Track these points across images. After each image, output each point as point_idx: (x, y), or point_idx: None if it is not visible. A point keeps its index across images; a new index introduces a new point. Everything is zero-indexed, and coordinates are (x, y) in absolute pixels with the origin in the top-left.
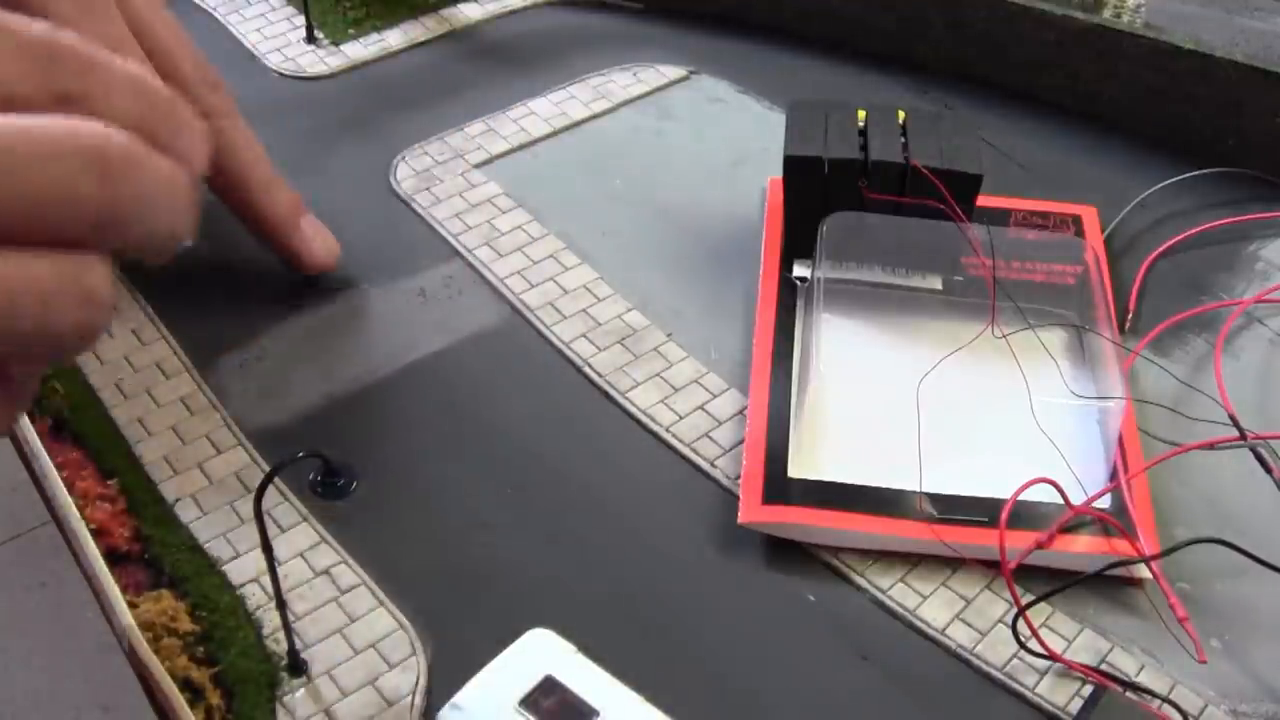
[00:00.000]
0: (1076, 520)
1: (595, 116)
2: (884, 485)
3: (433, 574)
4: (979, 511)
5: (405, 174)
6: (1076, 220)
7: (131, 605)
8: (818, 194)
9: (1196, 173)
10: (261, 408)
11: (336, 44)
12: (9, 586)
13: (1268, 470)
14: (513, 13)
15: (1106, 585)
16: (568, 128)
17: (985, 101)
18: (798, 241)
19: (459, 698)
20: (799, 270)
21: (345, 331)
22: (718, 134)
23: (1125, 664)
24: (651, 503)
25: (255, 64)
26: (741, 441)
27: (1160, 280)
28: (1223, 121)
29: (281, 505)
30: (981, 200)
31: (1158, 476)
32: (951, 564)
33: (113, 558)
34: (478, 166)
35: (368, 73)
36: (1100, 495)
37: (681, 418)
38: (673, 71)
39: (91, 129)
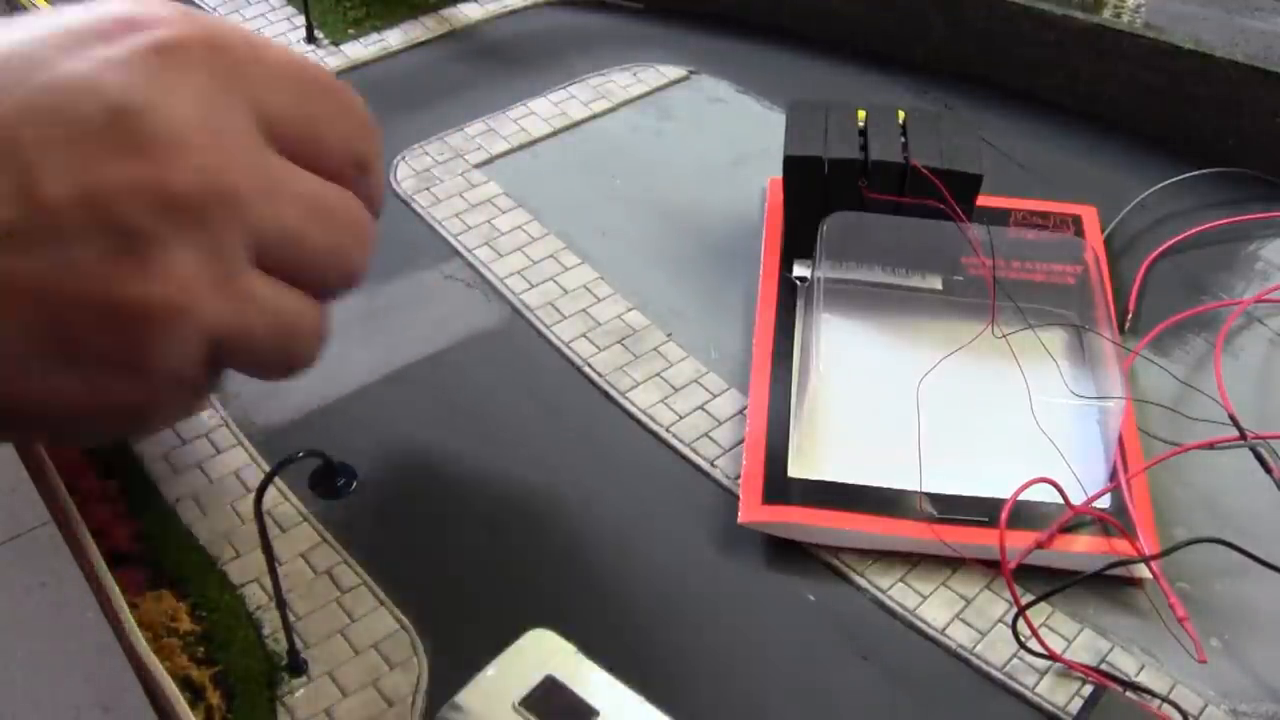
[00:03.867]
0: (1076, 520)
1: (595, 116)
2: (884, 485)
3: (433, 574)
4: (979, 511)
5: (405, 174)
6: (1076, 220)
7: (131, 605)
8: (818, 194)
9: (1196, 173)
10: (261, 408)
11: (336, 44)
12: (9, 586)
13: (1268, 470)
14: (513, 13)
15: (1106, 585)
16: (568, 128)
17: (985, 101)
18: (798, 241)
19: (459, 698)
20: (799, 270)
21: (345, 332)
22: (718, 134)
23: (1125, 664)
24: (651, 503)
25: None
26: (741, 441)
27: (1160, 280)
28: (1223, 121)
29: (282, 505)
30: (981, 200)
31: (1158, 476)
32: (951, 564)
33: (113, 558)
34: (478, 166)
35: (368, 73)
36: (1100, 495)
37: (681, 418)
38: (673, 71)
39: (367, 214)
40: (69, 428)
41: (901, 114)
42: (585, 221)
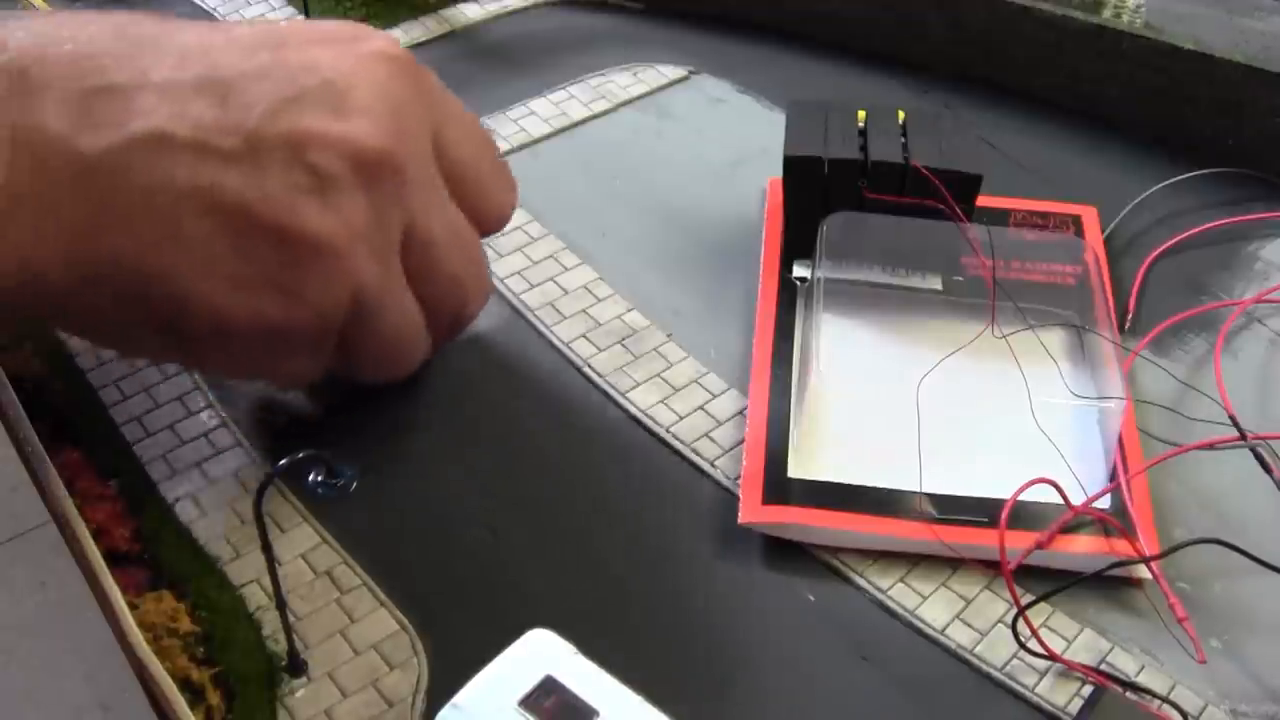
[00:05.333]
0: (1076, 520)
1: (595, 116)
2: (884, 485)
3: (433, 574)
4: (979, 511)
5: None
6: (1076, 220)
7: (131, 605)
8: (818, 194)
9: (1196, 173)
10: (261, 408)
11: None
12: (9, 586)
13: (1268, 470)
14: (513, 13)
15: (1106, 585)
16: (568, 128)
17: (985, 101)
18: (798, 241)
19: (459, 698)
20: (799, 270)
21: None
22: (718, 134)
23: (1125, 664)
24: (651, 503)
25: None
26: (741, 441)
27: (1160, 280)
28: (1223, 121)
29: (282, 505)
30: (981, 200)
31: (1158, 476)
32: (951, 564)
33: (113, 558)
34: None
35: None
36: (1100, 495)
37: (681, 418)
38: (673, 71)
39: (488, 266)
40: (216, 338)
41: (901, 114)
42: (585, 221)
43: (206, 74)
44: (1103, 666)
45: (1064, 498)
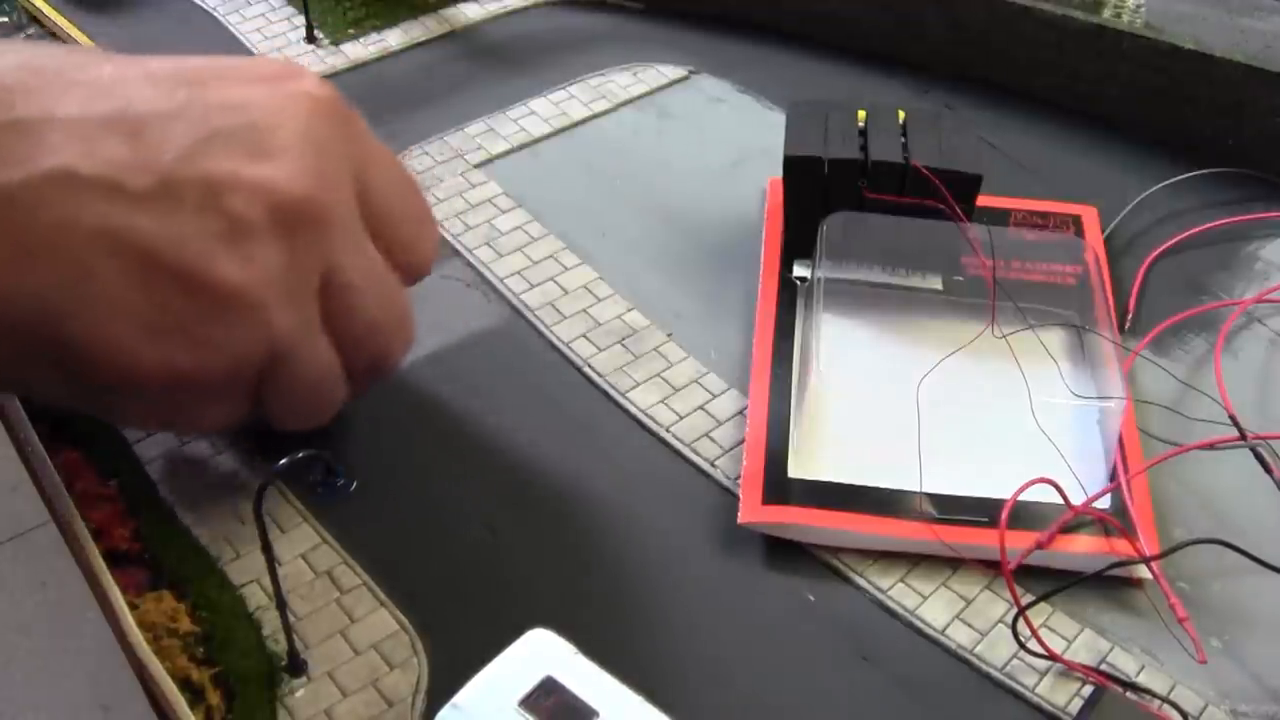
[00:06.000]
0: (1076, 520)
1: (595, 116)
2: (884, 485)
3: (433, 574)
4: (979, 511)
5: None
6: (1076, 220)
7: (131, 605)
8: (818, 194)
9: (1196, 173)
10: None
11: (336, 44)
12: (9, 586)
13: (1268, 470)
14: (513, 13)
15: (1106, 585)
16: (568, 128)
17: (985, 101)
18: (798, 241)
19: (459, 698)
20: (799, 270)
21: None
22: (718, 134)
23: (1125, 664)
24: (651, 503)
25: None
26: (741, 441)
27: (1160, 280)
28: (1223, 121)
29: (282, 506)
30: (981, 200)
31: (1158, 476)
32: (951, 564)
33: (113, 558)
34: (478, 166)
35: (368, 73)
36: (1100, 495)
37: (681, 418)
38: (673, 71)
39: (413, 315)
40: (124, 385)
41: (901, 114)
42: (585, 221)
43: (118, 110)
44: (1103, 666)
45: (1064, 498)
